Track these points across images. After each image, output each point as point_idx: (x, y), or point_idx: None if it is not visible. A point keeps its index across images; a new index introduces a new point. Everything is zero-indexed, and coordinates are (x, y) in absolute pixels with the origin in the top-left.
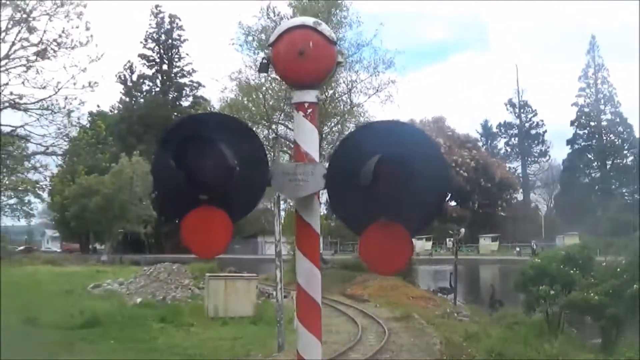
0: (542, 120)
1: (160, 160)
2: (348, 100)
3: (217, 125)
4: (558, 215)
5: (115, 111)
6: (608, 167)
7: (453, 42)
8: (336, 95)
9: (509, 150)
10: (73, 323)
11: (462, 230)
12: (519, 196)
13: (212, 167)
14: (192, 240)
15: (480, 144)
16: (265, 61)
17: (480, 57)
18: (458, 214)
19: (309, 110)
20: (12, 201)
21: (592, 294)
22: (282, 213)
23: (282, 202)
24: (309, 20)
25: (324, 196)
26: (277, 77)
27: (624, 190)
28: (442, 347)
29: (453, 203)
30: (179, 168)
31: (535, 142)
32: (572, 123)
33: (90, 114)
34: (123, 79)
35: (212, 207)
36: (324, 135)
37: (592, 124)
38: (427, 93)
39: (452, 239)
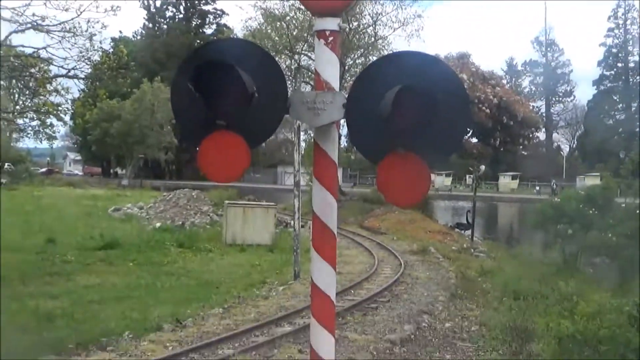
0: (569, 60)
1: (180, 85)
2: (373, 33)
3: (236, 51)
4: (580, 156)
5: (138, 37)
6: (633, 109)
7: None
8: (360, 27)
9: (534, 89)
10: (93, 245)
11: (482, 167)
12: (542, 135)
13: (230, 92)
14: (208, 165)
15: (504, 81)
16: None
17: None
18: (479, 151)
19: (330, 39)
20: (34, 123)
21: (610, 235)
22: (303, 143)
23: (302, 133)
24: None
25: (344, 129)
26: (301, 4)
27: None
28: (457, 281)
29: (474, 140)
30: (198, 93)
31: (561, 81)
32: (599, 64)
33: (113, 39)
34: (146, 4)
35: (230, 132)
36: (347, 68)
37: (620, 65)
38: (453, 28)
39: (471, 176)
